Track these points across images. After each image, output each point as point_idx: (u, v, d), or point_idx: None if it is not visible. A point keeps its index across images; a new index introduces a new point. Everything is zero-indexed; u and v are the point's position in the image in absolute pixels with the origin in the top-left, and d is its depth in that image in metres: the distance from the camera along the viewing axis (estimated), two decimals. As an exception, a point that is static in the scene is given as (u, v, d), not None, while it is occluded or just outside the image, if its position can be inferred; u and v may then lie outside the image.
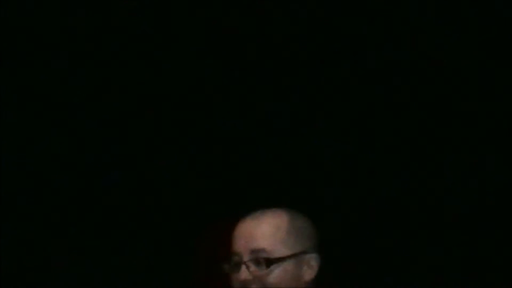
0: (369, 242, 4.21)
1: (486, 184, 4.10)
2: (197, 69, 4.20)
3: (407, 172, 4.19)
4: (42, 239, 4.30)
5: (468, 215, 4.11)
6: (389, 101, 4.17)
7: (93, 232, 4.33)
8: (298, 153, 4.23)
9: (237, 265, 2.24)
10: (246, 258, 2.22)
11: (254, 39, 4.12)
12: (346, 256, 4.11)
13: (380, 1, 3.99)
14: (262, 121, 4.24)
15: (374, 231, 4.22)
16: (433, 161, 4.17)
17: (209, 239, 4.20)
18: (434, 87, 4.11)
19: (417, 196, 4.19)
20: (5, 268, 4.19)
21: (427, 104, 4.15)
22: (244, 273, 2.21)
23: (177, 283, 4.22)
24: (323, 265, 2.27)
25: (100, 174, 4.33)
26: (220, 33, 4.07)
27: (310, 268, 2.26)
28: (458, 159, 4.13)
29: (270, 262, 2.20)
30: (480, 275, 4.08)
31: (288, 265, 2.21)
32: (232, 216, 2.51)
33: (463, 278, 4.05)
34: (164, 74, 4.22)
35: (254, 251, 2.22)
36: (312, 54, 4.12)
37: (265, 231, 2.23)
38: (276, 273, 2.20)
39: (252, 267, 2.21)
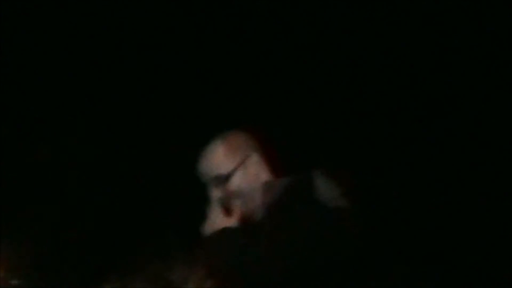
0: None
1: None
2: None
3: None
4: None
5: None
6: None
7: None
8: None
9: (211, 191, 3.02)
10: (213, 184, 2.99)
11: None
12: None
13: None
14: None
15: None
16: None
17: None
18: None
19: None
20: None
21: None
22: (215, 193, 2.99)
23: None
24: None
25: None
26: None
27: (256, 164, 3.00)
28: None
29: (226, 178, 2.98)
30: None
31: (240, 173, 2.98)
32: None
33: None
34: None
35: (216, 177, 2.99)
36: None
37: (212, 161, 3.01)
38: (235, 182, 2.98)
39: (219, 186, 2.98)
